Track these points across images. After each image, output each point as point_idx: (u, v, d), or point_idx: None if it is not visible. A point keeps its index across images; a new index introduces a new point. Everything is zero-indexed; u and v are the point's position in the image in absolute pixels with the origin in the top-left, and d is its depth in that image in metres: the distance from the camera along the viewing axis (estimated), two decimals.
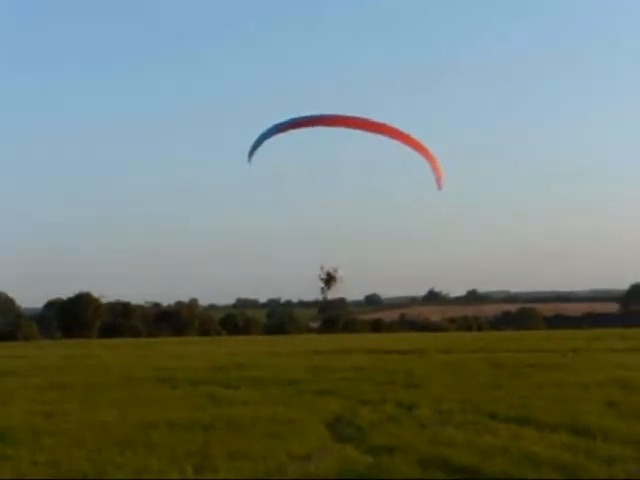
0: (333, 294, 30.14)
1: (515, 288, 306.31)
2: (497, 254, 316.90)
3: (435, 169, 28.98)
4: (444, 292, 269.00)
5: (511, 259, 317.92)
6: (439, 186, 29.23)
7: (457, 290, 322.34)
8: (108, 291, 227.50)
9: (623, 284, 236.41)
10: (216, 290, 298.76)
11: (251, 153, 28.02)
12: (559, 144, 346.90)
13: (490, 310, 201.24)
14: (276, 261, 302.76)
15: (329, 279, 29.80)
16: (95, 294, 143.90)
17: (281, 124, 27.71)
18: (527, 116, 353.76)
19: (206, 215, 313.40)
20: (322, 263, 29.19)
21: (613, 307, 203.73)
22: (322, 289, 29.78)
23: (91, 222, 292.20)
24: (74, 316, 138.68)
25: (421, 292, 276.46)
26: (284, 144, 27.47)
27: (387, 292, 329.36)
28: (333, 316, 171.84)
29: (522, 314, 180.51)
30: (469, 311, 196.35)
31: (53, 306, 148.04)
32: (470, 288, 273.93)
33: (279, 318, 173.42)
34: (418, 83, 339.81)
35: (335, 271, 29.66)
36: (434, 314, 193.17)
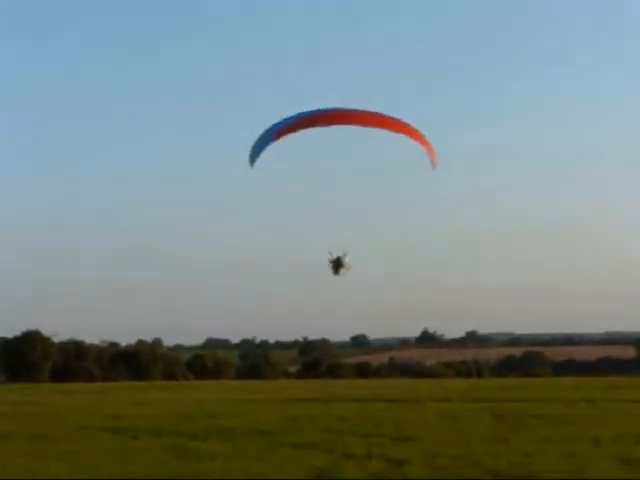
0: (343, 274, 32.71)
1: (520, 329, 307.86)
2: (499, 291, 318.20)
3: (427, 149, 31.70)
4: (439, 333, 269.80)
5: (515, 297, 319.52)
6: (433, 165, 32.12)
7: (454, 331, 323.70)
8: (60, 329, 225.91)
9: None
10: (183, 329, 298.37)
11: (253, 158, 30.80)
12: (570, 181, 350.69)
13: (492, 354, 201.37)
14: (251, 297, 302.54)
15: (338, 264, 33.06)
16: (45, 332, 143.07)
17: (276, 129, 30.39)
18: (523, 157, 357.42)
19: (173, 243, 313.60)
20: (330, 249, 32.72)
21: (630, 352, 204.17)
22: (332, 272, 33.22)
23: (41, 250, 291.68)
24: (20, 357, 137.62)
25: (414, 333, 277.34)
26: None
27: (375, 333, 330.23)
28: (314, 359, 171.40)
29: (527, 359, 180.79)
30: (468, 355, 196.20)
31: None
32: (469, 329, 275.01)
33: (253, 360, 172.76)
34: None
35: (344, 256, 32.92)
36: (428, 358, 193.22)
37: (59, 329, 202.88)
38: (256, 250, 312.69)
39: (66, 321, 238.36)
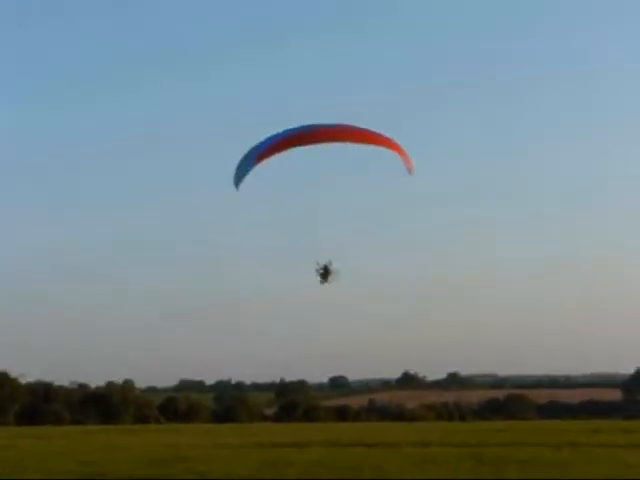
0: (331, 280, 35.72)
1: (503, 371, 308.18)
2: (482, 332, 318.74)
3: (404, 157, 34.17)
4: (420, 375, 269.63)
5: (498, 338, 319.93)
6: (409, 170, 34.85)
7: (436, 373, 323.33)
8: (27, 370, 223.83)
9: (627, 368, 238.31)
10: (155, 370, 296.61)
11: (237, 180, 33.37)
12: (555, 222, 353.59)
13: (474, 396, 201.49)
14: (226, 336, 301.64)
15: (325, 272, 35.68)
16: (12, 373, 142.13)
17: (260, 149, 32.83)
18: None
19: (144, 279, 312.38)
20: (317, 259, 35.43)
21: (615, 394, 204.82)
22: (320, 282, 35.85)
23: (10, 286, 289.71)
24: None
25: (394, 374, 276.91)
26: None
27: (355, 374, 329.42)
28: (292, 401, 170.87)
29: (511, 401, 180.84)
30: (450, 397, 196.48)
31: None
32: (451, 370, 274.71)
33: (229, 403, 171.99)
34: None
35: (330, 264, 35.63)
36: (409, 400, 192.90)
37: (27, 370, 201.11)
38: (232, 288, 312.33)
39: (34, 361, 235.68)
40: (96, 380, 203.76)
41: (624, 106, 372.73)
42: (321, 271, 35.90)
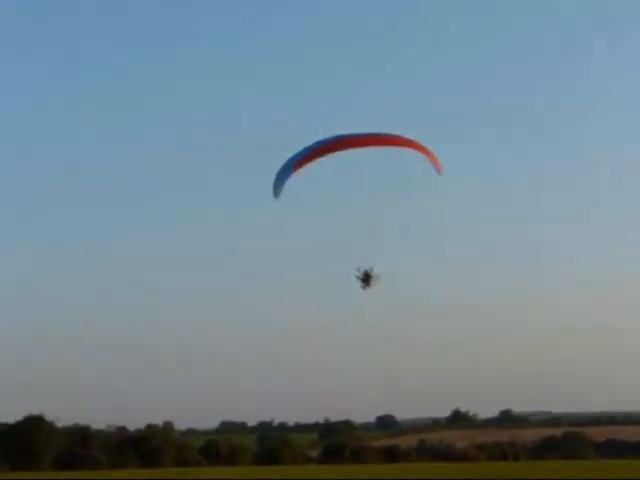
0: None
1: (558, 408, 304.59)
2: (536, 368, 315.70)
3: (432, 158, 36.62)
4: (472, 413, 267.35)
5: (553, 373, 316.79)
6: (439, 171, 37.22)
7: (488, 410, 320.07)
8: (64, 413, 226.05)
9: None
10: (196, 411, 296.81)
11: (277, 189, 36.07)
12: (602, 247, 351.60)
13: (529, 435, 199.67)
14: (268, 376, 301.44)
15: (367, 278, 37.23)
16: (48, 417, 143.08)
17: (297, 157, 35.69)
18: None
19: (184, 317, 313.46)
20: (358, 265, 37.43)
21: None
22: (362, 287, 37.69)
23: (41, 328, 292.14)
24: (22, 444, 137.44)
25: (444, 413, 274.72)
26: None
27: (404, 413, 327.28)
28: (337, 442, 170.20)
29: (567, 440, 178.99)
30: (503, 436, 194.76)
31: None
32: (503, 408, 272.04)
33: (271, 444, 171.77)
34: None
35: (371, 269, 37.16)
36: (460, 440, 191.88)
37: (63, 413, 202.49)
38: (273, 326, 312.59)
39: (70, 404, 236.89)
40: (135, 423, 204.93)
41: None
42: (362, 277, 37.56)
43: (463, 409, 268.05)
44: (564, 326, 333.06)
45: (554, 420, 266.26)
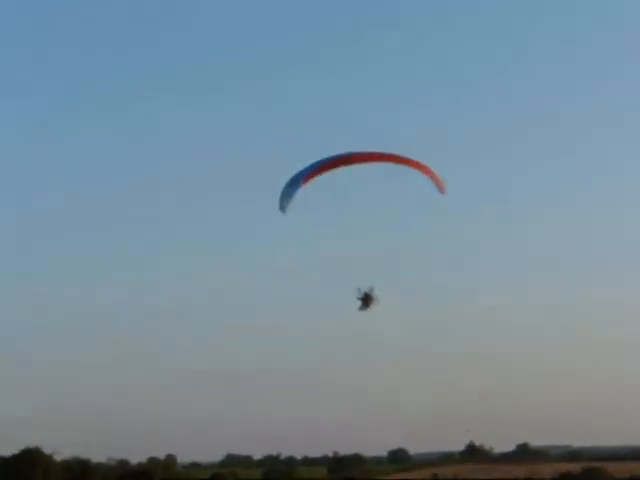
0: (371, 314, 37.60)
1: (578, 442, 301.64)
2: (555, 399, 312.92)
3: (434, 177, 38.49)
4: (487, 446, 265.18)
5: (572, 405, 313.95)
6: (441, 191, 39.14)
7: (504, 444, 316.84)
8: (62, 445, 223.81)
9: None
10: (199, 444, 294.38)
11: (283, 203, 37.56)
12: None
13: (547, 470, 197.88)
14: (274, 406, 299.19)
15: (366, 298, 38.08)
16: (46, 449, 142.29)
17: (305, 171, 37.18)
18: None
19: (189, 346, 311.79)
20: (358, 285, 38.30)
21: None
22: (360, 308, 38.23)
23: (42, 357, 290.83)
24: (19, 477, 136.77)
25: (458, 446, 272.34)
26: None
27: (416, 446, 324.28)
28: (347, 477, 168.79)
29: (588, 475, 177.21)
30: (520, 471, 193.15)
31: None
32: (520, 441, 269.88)
33: (278, 479, 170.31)
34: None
35: (371, 290, 38.02)
36: (475, 474, 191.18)
37: (61, 446, 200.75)
38: (280, 357, 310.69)
39: (69, 437, 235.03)
40: (137, 455, 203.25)
41: None
42: (362, 298, 38.45)
43: (478, 442, 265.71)
44: (584, 356, 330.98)
45: (573, 454, 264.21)
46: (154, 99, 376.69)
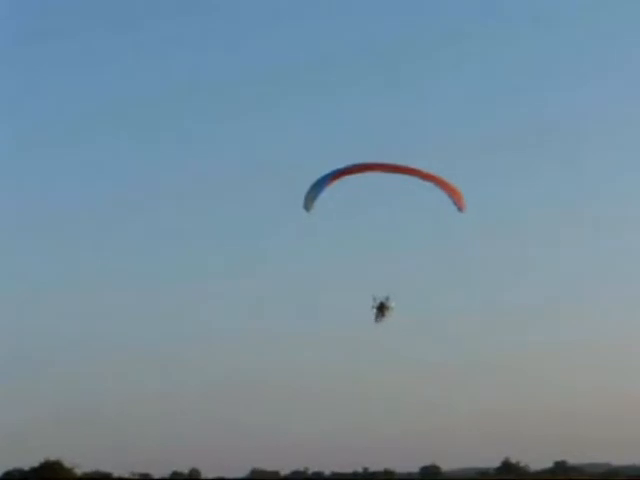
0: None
1: (618, 460, 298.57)
2: (594, 414, 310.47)
3: (454, 193, 40.11)
4: (523, 463, 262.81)
5: (612, 421, 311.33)
6: (461, 209, 40.16)
7: (541, 461, 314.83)
8: (83, 459, 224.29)
9: None
10: (224, 458, 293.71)
11: (309, 201, 39.08)
12: None
13: None
14: (303, 419, 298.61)
15: (382, 307, 38.58)
16: (66, 463, 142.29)
17: (333, 173, 39.26)
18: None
19: (211, 357, 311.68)
20: (373, 294, 39.33)
21: None
22: (376, 318, 39.13)
23: (62, 367, 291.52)
24: None
25: (493, 463, 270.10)
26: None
27: (449, 462, 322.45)
28: None
29: None
30: None
31: (11, 478, 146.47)
32: (558, 459, 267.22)
33: None
34: None
35: (387, 300, 38.62)
36: None
37: (82, 459, 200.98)
38: (309, 365, 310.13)
39: (90, 449, 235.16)
40: (160, 470, 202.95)
41: None
42: (377, 307, 39.21)
43: (514, 459, 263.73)
44: (624, 372, 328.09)
45: (613, 472, 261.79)
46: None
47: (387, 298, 39.33)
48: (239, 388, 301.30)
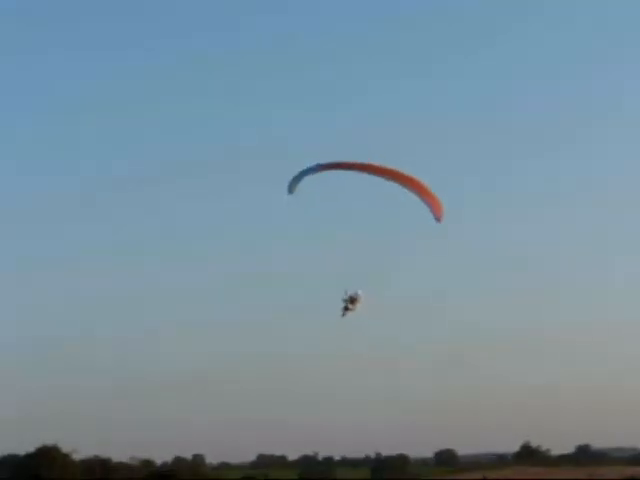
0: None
1: None
2: (618, 397, 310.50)
3: (433, 202, 43.56)
4: (544, 448, 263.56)
5: (638, 405, 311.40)
6: (438, 219, 43.54)
7: (562, 445, 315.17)
8: (81, 444, 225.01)
9: None
10: (229, 443, 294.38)
11: (292, 186, 43.76)
12: None
13: (609, 474, 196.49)
14: (311, 403, 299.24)
15: (352, 301, 42.28)
16: (64, 448, 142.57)
17: (321, 164, 43.51)
18: None
19: (214, 337, 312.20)
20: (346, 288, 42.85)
21: None
22: (343, 313, 42.52)
23: (60, 349, 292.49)
24: (34, 478, 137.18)
25: (512, 447, 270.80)
26: None
27: (465, 447, 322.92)
28: (390, 479, 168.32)
29: None
30: (580, 474, 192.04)
31: (5, 464, 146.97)
32: (580, 442, 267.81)
33: None
34: None
35: (356, 294, 42.38)
36: (530, 478, 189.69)
37: (80, 444, 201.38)
38: (318, 347, 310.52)
39: (88, 434, 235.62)
40: (161, 455, 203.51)
41: None
42: (348, 301, 42.19)
43: (534, 443, 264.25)
44: None
45: (638, 457, 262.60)
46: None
47: (356, 293, 42.52)
48: (245, 371, 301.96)
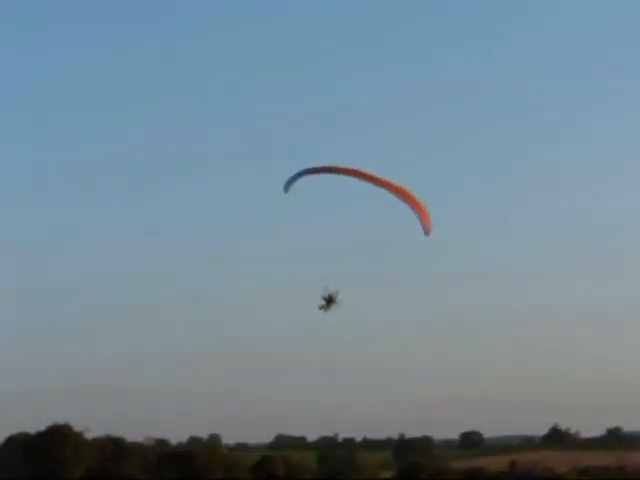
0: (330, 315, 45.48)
1: None
2: None
3: (423, 215, 46.05)
4: (574, 431, 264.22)
5: None
6: (426, 233, 46.42)
7: (593, 428, 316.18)
8: (94, 423, 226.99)
9: None
10: (247, 424, 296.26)
11: (288, 184, 47.75)
12: None
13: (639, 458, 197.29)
14: (331, 384, 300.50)
15: (330, 301, 45.08)
16: (76, 427, 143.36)
17: (317, 166, 47.07)
18: None
19: (232, 315, 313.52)
20: (326, 284, 45.09)
21: None
22: (321, 308, 45.40)
23: (73, 327, 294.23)
24: (45, 457, 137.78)
25: (540, 430, 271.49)
26: None
27: (492, 430, 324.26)
28: (413, 462, 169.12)
29: None
30: (610, 459, 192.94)
31: (16, 443, 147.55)
32: (611, 425, 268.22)
33: (335, 464, 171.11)
34: None
35: (336, 294, 45.07)
36: (559, 462, 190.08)
37: (93, 423, 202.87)
38: (336, 325, 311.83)
39: (102, 413, 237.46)
40: (177, 435, 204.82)
41: None
42: (326, 298, 45.38)
43: (563, 426, 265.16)
44: None
45: None
46: None
47: (336, 292, 45.74)
48: (263, 352, 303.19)
